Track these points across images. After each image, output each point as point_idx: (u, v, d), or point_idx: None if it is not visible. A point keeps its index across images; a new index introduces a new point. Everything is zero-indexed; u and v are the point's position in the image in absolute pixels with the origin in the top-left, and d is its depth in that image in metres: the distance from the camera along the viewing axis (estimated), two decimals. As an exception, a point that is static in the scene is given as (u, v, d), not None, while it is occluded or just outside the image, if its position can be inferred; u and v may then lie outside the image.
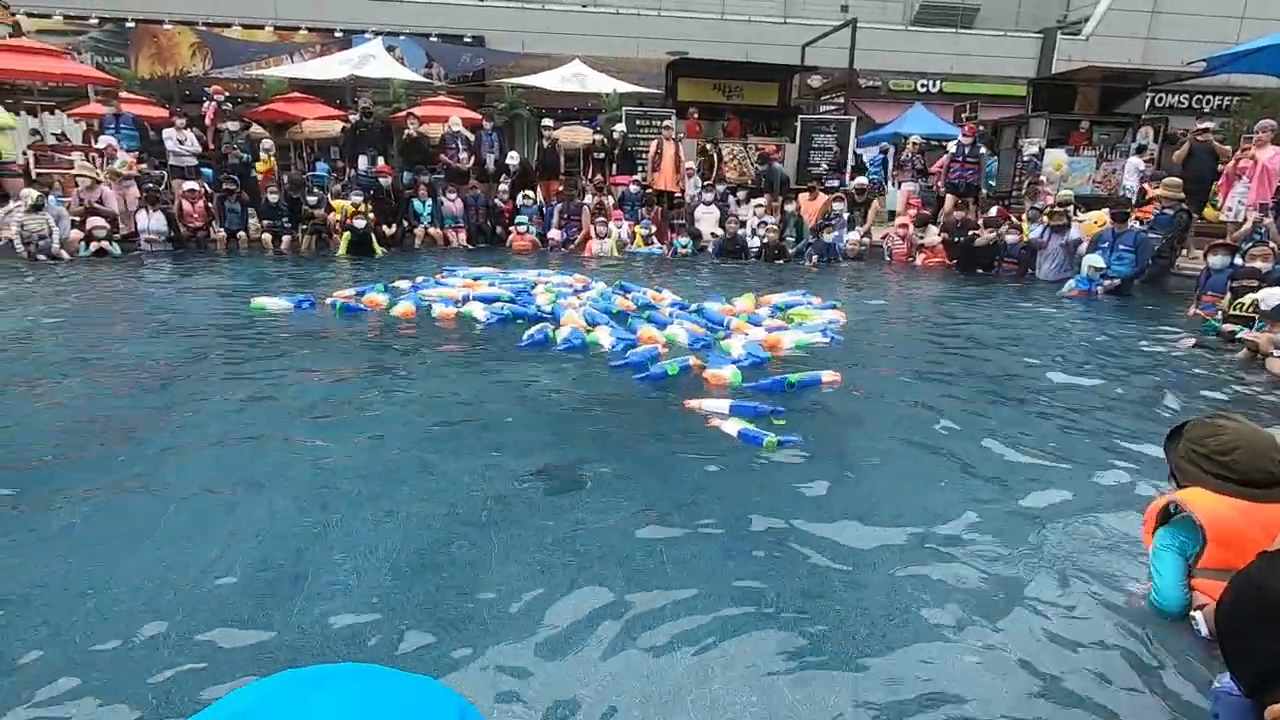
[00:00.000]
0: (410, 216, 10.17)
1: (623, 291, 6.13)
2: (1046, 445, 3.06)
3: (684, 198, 11.25)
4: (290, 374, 3.93)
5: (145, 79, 15.33)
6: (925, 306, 6.89)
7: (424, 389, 3.71)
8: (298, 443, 2.93)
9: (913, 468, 2.83)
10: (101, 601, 1.84)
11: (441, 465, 2.74)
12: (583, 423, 3.26)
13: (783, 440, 2.97)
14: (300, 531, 2.22)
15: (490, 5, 19.05)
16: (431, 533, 2.22)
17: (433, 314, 5.40)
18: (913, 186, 11.61)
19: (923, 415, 3.44)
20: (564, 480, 2.64)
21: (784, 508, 2.42)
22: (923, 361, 4.52)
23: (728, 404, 3.36)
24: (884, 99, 19.05)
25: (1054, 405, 3.65)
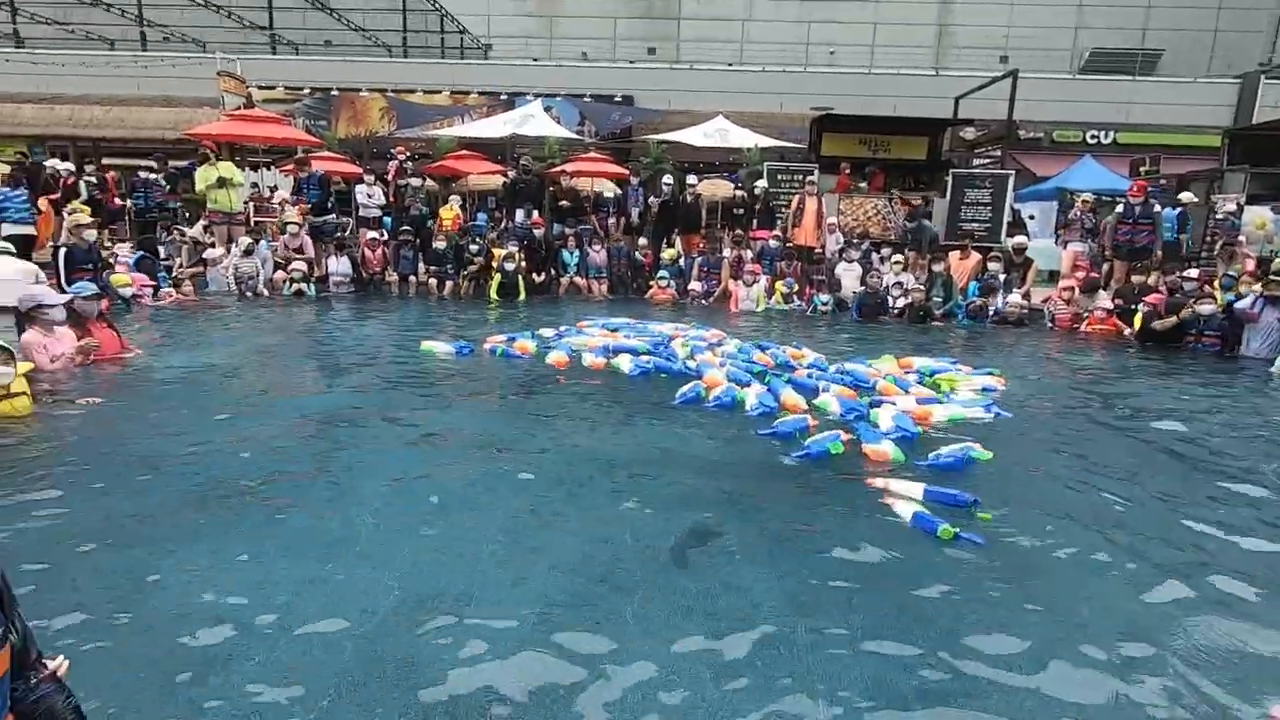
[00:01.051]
0: (558, 266, 10.78)
1: (760, 348, 6.11)
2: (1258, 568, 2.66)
3: (824, 253, 11.08)
4: (450, 418, 4.26)
5: (342, 139, 17.54)
6: (1101, 382, 6.27)
7: (572, 438, 3.88)
8: (453, 485, 3.16)
9: (1108, 576, 2.55)
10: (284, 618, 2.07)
11: (585, 515, 2.85)
12: (727, 485, 3.26)
13: (962, 535, 2.74)
14: (442, 567, 2.38)
15: (640, 67, 20.15)
16: (573, 582, 2.30)
17: (583, 362, 5.65)
18: (1080, 247, 10.70)
19: (1113, 512, 3.11)
20: (706, 544, 2.64)
21: (952, 612, 2.26)
22: (1103, 448, 4.10)
23: (920, 488, 3.09)
24: (1047, 151, 17.90)
25: (1264, 514, 3.17)
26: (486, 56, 22.10)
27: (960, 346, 7.49)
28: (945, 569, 2.54)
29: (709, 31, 22.22)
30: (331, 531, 2.67)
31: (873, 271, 9.94)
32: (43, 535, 2.58)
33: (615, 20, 22.28)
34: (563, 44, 22.10)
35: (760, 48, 21.39)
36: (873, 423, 4.15)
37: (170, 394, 4.72)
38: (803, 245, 11.12)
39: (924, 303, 9.31)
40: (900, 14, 22.01)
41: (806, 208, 11.30)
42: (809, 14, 22.05)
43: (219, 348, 6.24)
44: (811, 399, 4.65)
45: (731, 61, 20.56)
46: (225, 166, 10.33)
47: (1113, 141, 18.01)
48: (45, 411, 4.07)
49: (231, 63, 16.22)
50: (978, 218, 12.04)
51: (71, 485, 3.04)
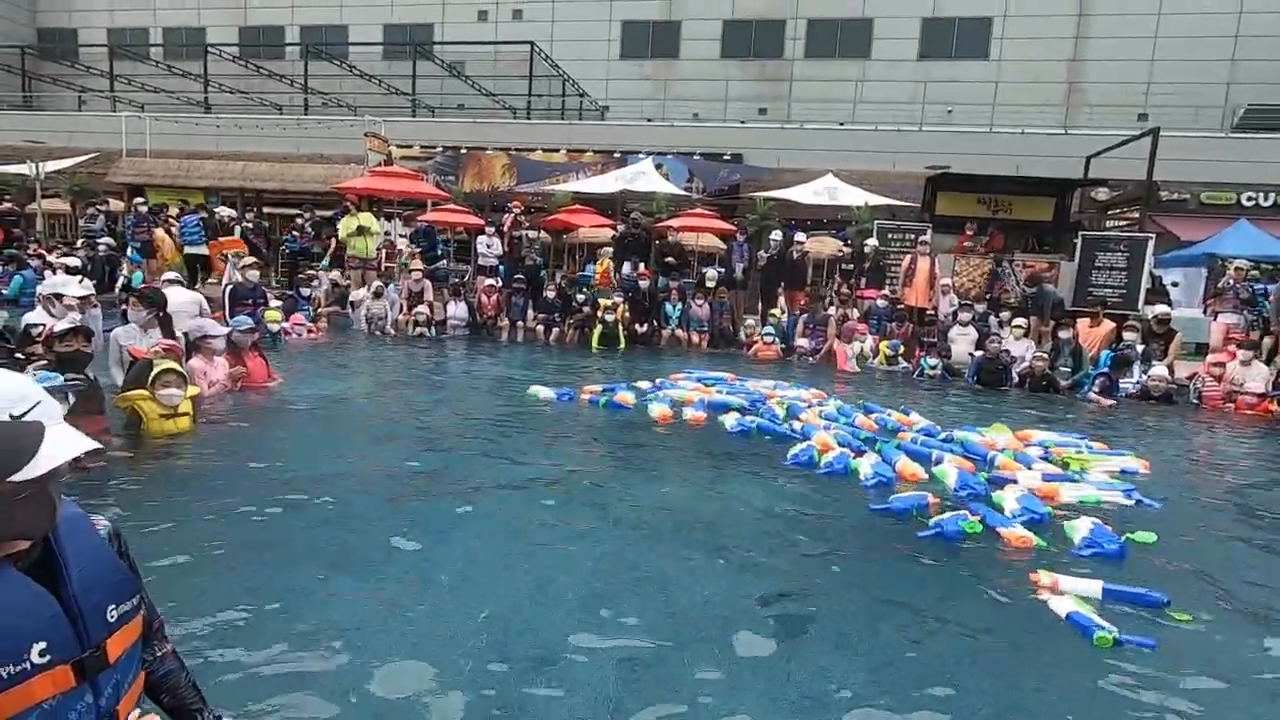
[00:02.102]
0: (660, 318, 10.96)
1: (865, 411, 5.89)
2: None
3: (937, 315, 10.64)
4: (551, 463, 4.37)
5: (467, 193, 18.88)
6: (1256, 468, 5.58)
7: (669, 492, 3.88)
8: (544, 532, 3.22)
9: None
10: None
11: (680, 572, 2.82)
12: (833, 557, 3.13)
13: (1124, 639, 2.42)
14: (533, 616, 2.41)
15: (751, 126, 20.52)
16: (657, 643, 2.26)
17: (684, 417, 5.66)
18: (1234, 318, 9.71)
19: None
20: (798, 617, 2.54)
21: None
22: (1241, 541, 3.63)
23: (1099, 585, 2.77)
24: (1193, 213, 16.50)
25: None
26: (603, 117, 23.28)
27: (1089, 422, 6.91)
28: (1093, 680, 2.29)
29: (821, 91, 22.39)
30: (423, 568, 2.79)
31: (992, 336, 9.43)
32: (167, 539, 2.85)
33: (727, 82, 22.92)
34: (675, 105, 22.93)
35: (874, 107, 21.27)
36: (997, 505, 3.80)
37: (306, 421, 5.15)
38: (914, 306, 10.75)
39: (1046, 370, 8.69)
40: (1025, 72, 21.32)
41: (919, 267, 10.96)
42: (926, 73, 21.79)
43: (350, 380, 6.76)
44: (929, 467, 4.40)
45: (843, 120, 20.54)
46: (365, 217, 11.36)
47: (1273, 204, 16.37)
48: (202, 430, 4.54)
49: (376, 124, 17.98)
50: (1111, 283, 11.20)
51: (203, 502, 3.35)
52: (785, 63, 23.19)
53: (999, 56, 21.72)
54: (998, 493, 3.98)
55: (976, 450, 4.77)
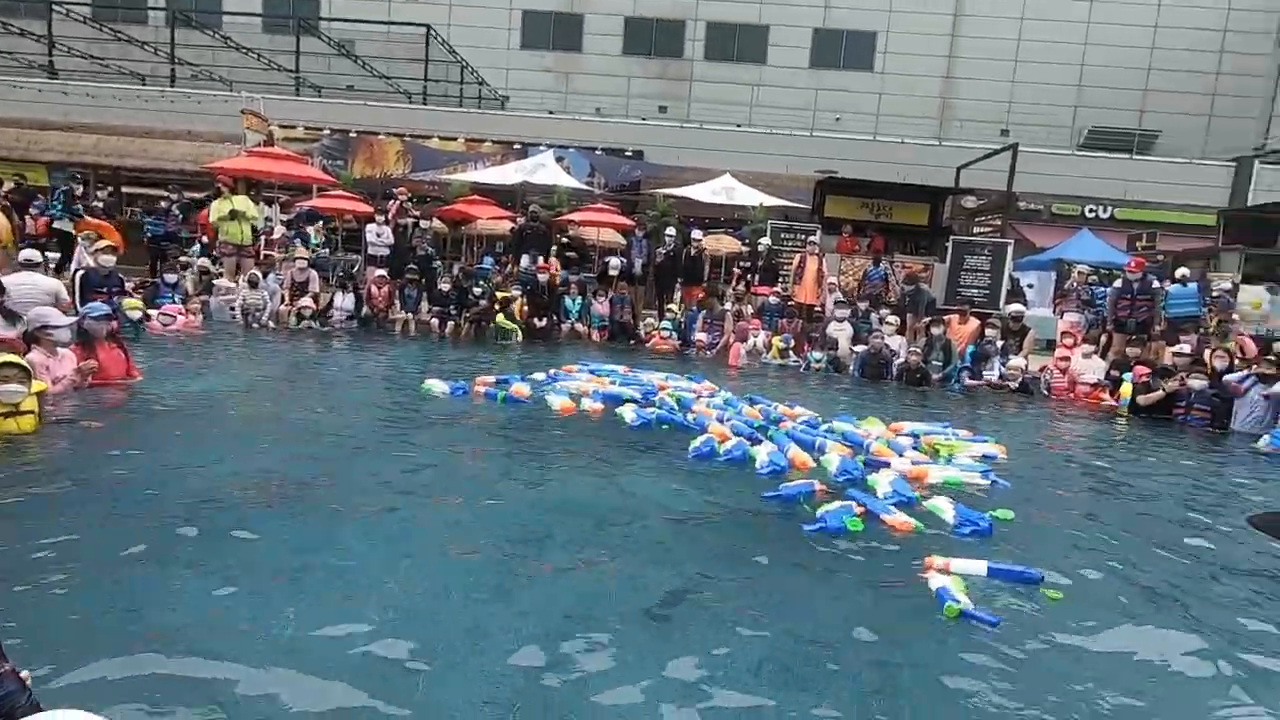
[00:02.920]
0: (560, 312, 10.90)
1: (750, 402, 6.13)
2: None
3: (824, 312, 11.21)
4: (441, 460, 4.25)
5: (357, 179, 17.96)
6: (1095, 452, 6.27)
7: (564, 486, 3.87)
8: (436, 530, 3.14)
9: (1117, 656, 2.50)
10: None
11: (568, 568, 2.82)
12: (727, 546, 3.21)
13: (968, 613, 2.62)
14: (422, 616, 2.35)
15: (652, 123, 20.75)
16: (549, 638, 2.26)
17: (582, 408, 5.66)
18: (1076, 317, 10.84)
19: (1117, 587, 3.06)
20: (689, 606, 2.60)
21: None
22: (1087, 517, 4.08)
23: (985, 564, 2.98)
24: (1046, 223, 18.27)
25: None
26: (504, 107, 22.81)
27: (955, 412, 7.51)
28: (960, 646, 2.47)
29: (720, 93, 22.97)
30: (303, 571, 2.65)
31: (875, 332, 10.03)
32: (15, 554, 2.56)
33: (629, 79, 23.07)
34: (577, 99, 22.84)
35: (769, 111, 22.08)
36: (871, 487, 4.09)
37: (172, 420, 4.73)
38: (803, 303, 11.26)
39: (920, 365, 9.37)
40: (904, 85, 22.79)
41: (808, 267, 11.50)
42: (818, 81, 22.84)
43: (223, 376, 6.27)
44: (816, 455, 4.63)
45: (740, 123, 21.18)
46: (240, 200, 10.56)
47: (1111, 216, 18.39)
48: (47, 432, 4.08)
49: (255, 101, 16.76)
50: (977, 284, 12.21)
51: (52, 508, 3.02)
52: (686, 63, 23.62)
53: (882, 69, 23.10)
54: (872, 476, 4.26)
55: (854, 438, 5.07)
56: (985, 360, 9.37)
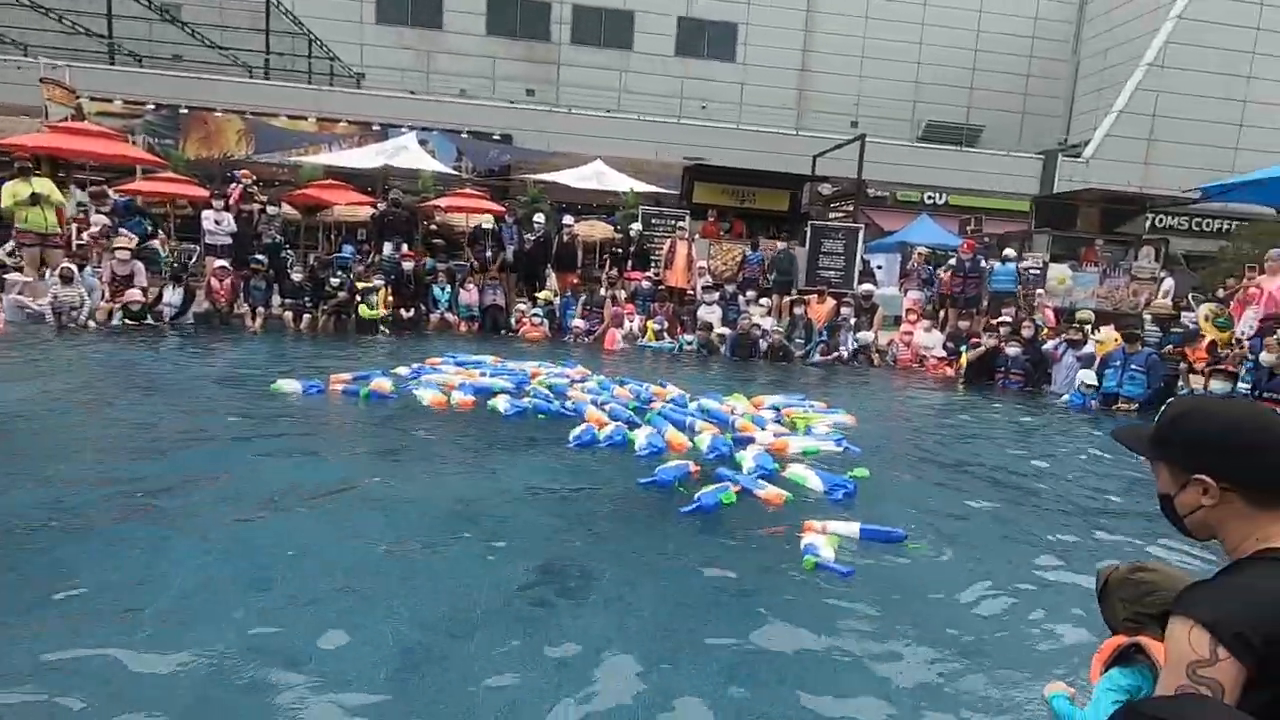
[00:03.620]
0: (428, 302, 10.47)
1: (620, 384, 6.21)
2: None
3: (695, 295, 11.54)
4: (295, 464, 3.96)
5: (191, 160, 16.22)
6: (932, 414, 6.92)
7: (433, 482, 3.72)
8: (297, 538, 2.93)
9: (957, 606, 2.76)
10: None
11: (444, 564, 2.72)
12: (607, 532, 3.21)
13: (822, 566, 2.82)
14: (274, 631, 2.19)
15: (520, 107, 20.32)
16: (423, 635, 2.19)
17: (452, 401, 5.47)
18: (918, 294, 11.88)
19: (963, 551, 3.38)
20: (565, 592, 2.60)
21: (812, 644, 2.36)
22: (929, 471, 4.51)
23: (857, 526, 3.22)
24: (891, 209, 19.81)
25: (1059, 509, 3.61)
26: (359, 85, 21.42)
27: (815, 385, 8.01)
28: (830, 600, 2.64)
29: (588, 78, 22.86)
30: (138, 594, 2.38)
31: (744, 314, 10.47)
32: None
33: (495, 60, 22.42)
34: (440, 79, 21.89)
35: (637, 97, 22.27)
36: (737, 464, 4.24)
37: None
38: (674, 287, 11.53)
39: (784, 343, 9.90)
40: (765, 76, 23.78)
41: (678, 251, 11.77)
42: (683, 69, 23.30)
43: (29, 384, 5.46)
44: (691, 436, 4.75)
45: (610, 108, 21.22)
46: (41, 182, 9.22)
47: (945, 203, 20.26)
48: None
49: (57, 70, 14.67)
50: (833, 266, 13.05)
51: None
52: (553, 46, 23.27)
53: (744, 60, 23.95)
54: (740, 452, 4.45)
55: (718, 415, 5.28)
56: (834, 335, 10.10)
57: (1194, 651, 1.20)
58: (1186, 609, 1.25)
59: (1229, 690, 1.17)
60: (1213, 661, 1.18)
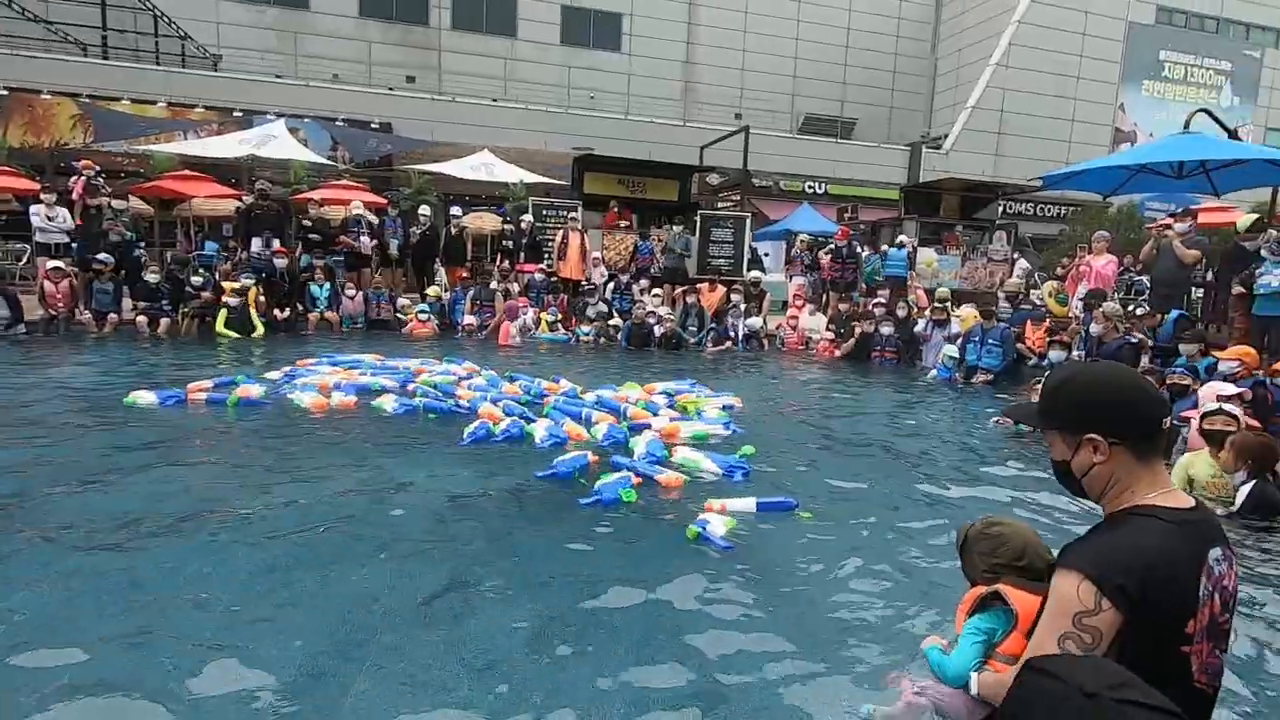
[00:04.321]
0: (305, 300, 9.84)
1: (510, 380, 6.11)
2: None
3: (590, 286, 11.52)
4: (154, 481, 3.62)
5: (15, 148, 14.35)
6: (816, 392, 7.29)
7: (319, 488, 3.51)
8: (166, 563, 2.68)
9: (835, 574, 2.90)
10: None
11: (333, 576, 2.58)
12: (507, 529, 3.15)
13: (704, 536, 2.98)
14: (142, 654, 2.00)
15: (400, 95, 19.43)
16: (312, 652, 2.06)
17: (332, 403, 5.18)
18: (802, 280, 12.44)
19: (839, 527, 3.55)
20: (466, 595, 2.53)
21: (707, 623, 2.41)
22: (814, 446, 4.75)
23: (754, 501, 3.40)
24: (776, 198, 20.60)
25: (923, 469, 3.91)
26: (216, 68, 19.70)
27: (708, 371, 8.22)
28: (709, 577, 2.70)
29: (471, 65, 22.18)
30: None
31: (638, 303, 10.55)
32: None
33: (370, 45, 21.26)
34: (310, 63, 20.52)
35: (524, 86, 21.86)
36: (631, 450, 4.30)
37: None
38: (568, 278, 11.46)
39: (677, 330, 10.09)
40: (650, 67, 24.00)
41: (571, 242, 11.69)
42: (570, 59, 23.09)
43: None
44: (589, 426, 4.75)
45: (496, 97, 20.71)
46: None
47: (825, 192, 21.30)
48: None
49: None
50: (723, 254, 13.41)
51: None
52: (432, 31, 22.38)
53: (630, 51, 24.05)
54: (634, 439, 4.50)
55: (612, 404, 5.32)
56: (720, 320, 10.43)
57: (1080, 602, 1.32)
58: (1071, 562, 1.36)
59: (1106, 636, 1.29)
60: (1096, 611, 1.30)
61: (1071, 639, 1.31)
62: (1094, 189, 10.65)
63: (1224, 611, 1.33)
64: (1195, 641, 1.28)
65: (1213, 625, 1.31)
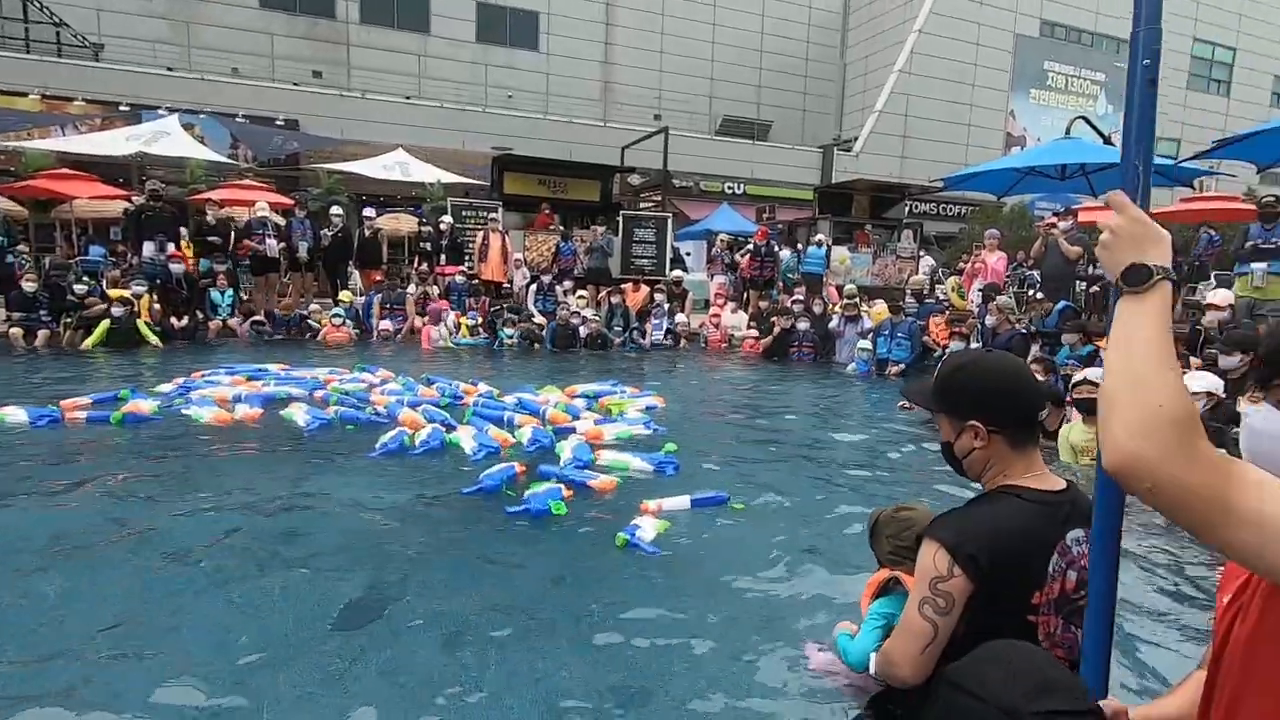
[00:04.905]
0: (205, 308, 9.27)
1: (427, 383, 5.97)
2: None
3: (512, 288, 11.38)
4: (43, 510, 3.33)
5: None
6: (738, 390, 7.46)
7: (222, 510, 3.31)
8: (43, 593, 2.47)
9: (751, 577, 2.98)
10: None
11: (241, 602, 2.44)
12: (432, 542, 3.06)
13: (632, 543, 2.96)
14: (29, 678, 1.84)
15: (306, 90, 18.55)
16: (213, 677, 1.95)
17: (236, 415, 4.90)
18: (723, 279, 12.71)
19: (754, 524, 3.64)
20: (389, 612, 2.45)
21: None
22: (737, 441, 4.86)
23: (688, 498, 3.45)
24: (696, 198, 20.91)
25: (825, 462, 4.08)
26: (97, 58, 18.23)
27: (633, 370, 8.27)
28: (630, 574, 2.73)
29: (382, 61, 21.41)
30: None
31: (561, 304, 10.50)
32: None
33: (272, 37, 20.18)
34: (206, 55, 19.28)
35: (439, 84, 21.29)
36: (558, 454, 4.27)
37: None
38: (489, 280, 11.27)
39: (602, 331, 10.11)
40: (569, 67, 23.86)
41: (492, 244, 11.51)
42: (486, 57, 22.66)
43: None
44: (513, 431, 4.68)
45: (410, 95, 20.09)
46: None
47: (743, 192, 21.79)
48: None
49: None
50: (646, 254, 13.51)
51: None
52: (340, 25, 21.45)
53: (548, 50, 23.83)
54: (560, 443, 4.47)
55: (532, 406, 5.28)
56: (645, 320, 10.54)
57: (935, 569, 1.42)
58: (933, 532, 1.47)
59: (959, 602, 1.39)
60: (949, 578, 1.40)
61: (929, 603, 1.41)
62: (988, 190, 11.35)
63: (1079, 589, 1.41)
64: (1042, 613, 1.38)
65: (1063, 600, 1.40)
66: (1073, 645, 1.42)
